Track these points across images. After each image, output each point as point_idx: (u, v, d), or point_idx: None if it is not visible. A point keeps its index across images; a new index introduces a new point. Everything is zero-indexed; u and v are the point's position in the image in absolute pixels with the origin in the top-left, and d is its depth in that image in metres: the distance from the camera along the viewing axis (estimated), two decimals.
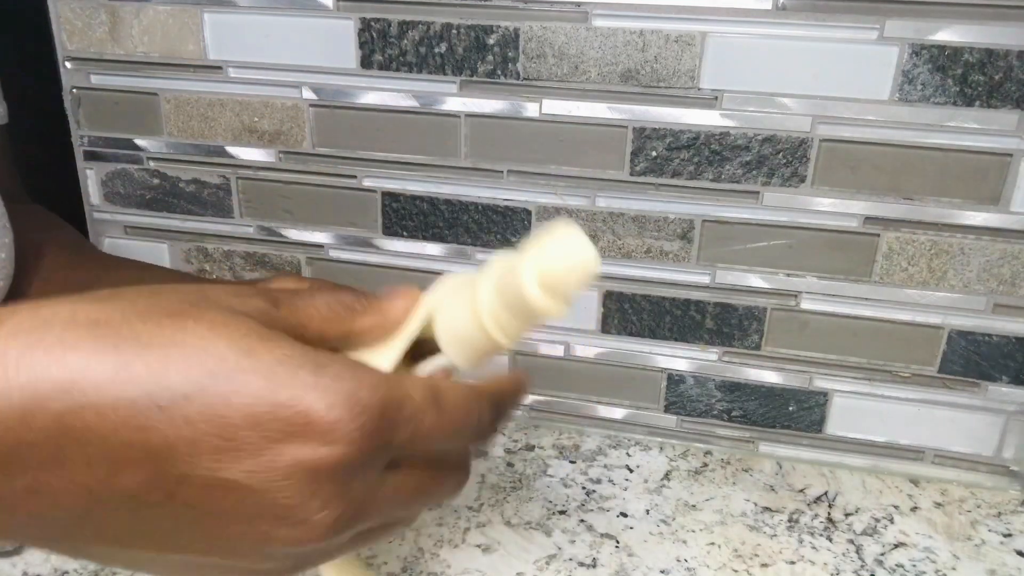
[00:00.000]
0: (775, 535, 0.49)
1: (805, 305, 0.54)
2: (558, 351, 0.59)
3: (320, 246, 0.60)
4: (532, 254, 0.27)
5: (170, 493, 0.22)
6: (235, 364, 0.22)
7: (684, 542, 0.49)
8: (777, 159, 0.51)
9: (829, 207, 0.51)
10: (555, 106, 0.53)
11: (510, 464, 0.56)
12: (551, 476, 0.55)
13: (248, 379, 0.22)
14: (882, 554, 0.48)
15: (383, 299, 0.30)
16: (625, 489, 0.53)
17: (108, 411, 0.21)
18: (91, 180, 0.63)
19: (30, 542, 0.24)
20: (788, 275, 0.54)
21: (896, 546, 0.49)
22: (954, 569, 0.47)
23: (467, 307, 0.28)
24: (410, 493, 0.26)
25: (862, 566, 0.47)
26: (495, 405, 0.28)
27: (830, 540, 0.49)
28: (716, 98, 0.51)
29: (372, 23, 0.54)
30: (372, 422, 0.23)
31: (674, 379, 0.58)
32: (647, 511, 0.51)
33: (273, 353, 0.23)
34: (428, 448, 0.26)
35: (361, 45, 0.54)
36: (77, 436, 0.21)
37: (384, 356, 0.28)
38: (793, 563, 0.47)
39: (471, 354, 0.29)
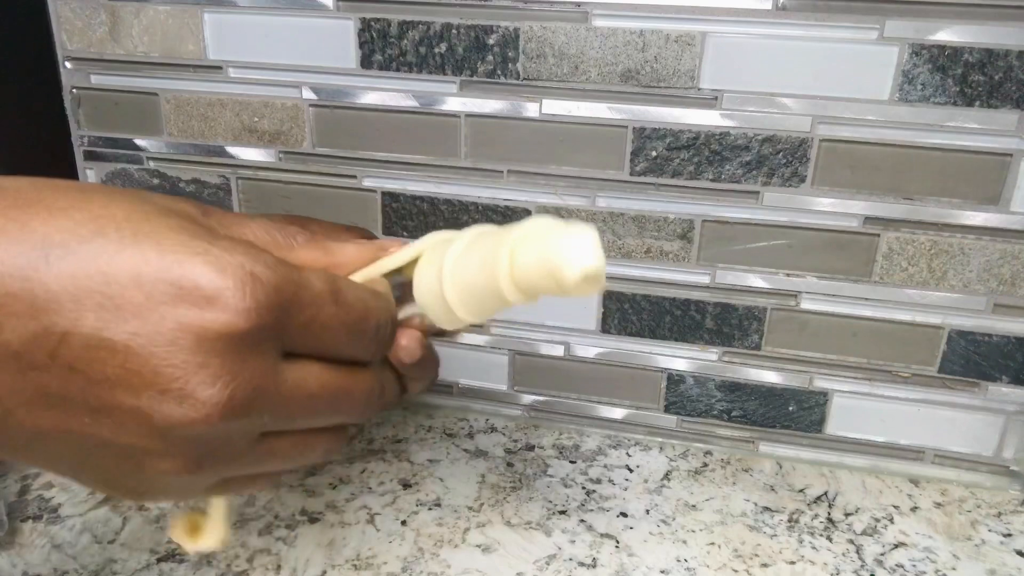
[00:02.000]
0: (775, 535, 0.49)
1: (805, 305, 0.54)
2: (558, 351, 0.59)
3: None
4: (556, 242, 0.27)
5: (52, 352, 0.21)
6: (129, 228, 0.22)
7: (684, 542, 0.49)
8: (777, 159, 0.51)
9: (829, 207, 0.51)
10: (555, 106, 0.53)
11: (510, 464, 0.56)
12: (551, 476, 0.55)
13: (139, 242, 0.22)
14: (882, 554, 0.48)
15: (334, 240, 0.29)
16: (625, 489, 0.53)
17: None
18: (91, 180, 0.63)
19: None
20: (788, 275, 0.54)
21: (896, 546, 0.49)
22: (954, 569, 0.47)
23: (484, 264, 0.28)
24: (306, 400, 0.25)
25: (862, 566, 0.47)
26: (393, 317, 0.28)
27: (830, 540, 0.49)
28: (716, 98, 0.51)
29: (372, 23, 0.54)
30: (265, 296, 0.22)
31: (674, 379, 0.58)
32: (647, 511, 0.51)
33: (169, 223, 0.22)
34: (326, 342, 0.25)
35: (361, 45, 0.54)
36: None
37: None
38: (793, 563, 0.47)
39: (472, 302, 0.29)
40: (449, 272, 0.29)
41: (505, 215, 0.56)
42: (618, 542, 0.48)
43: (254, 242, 0.26)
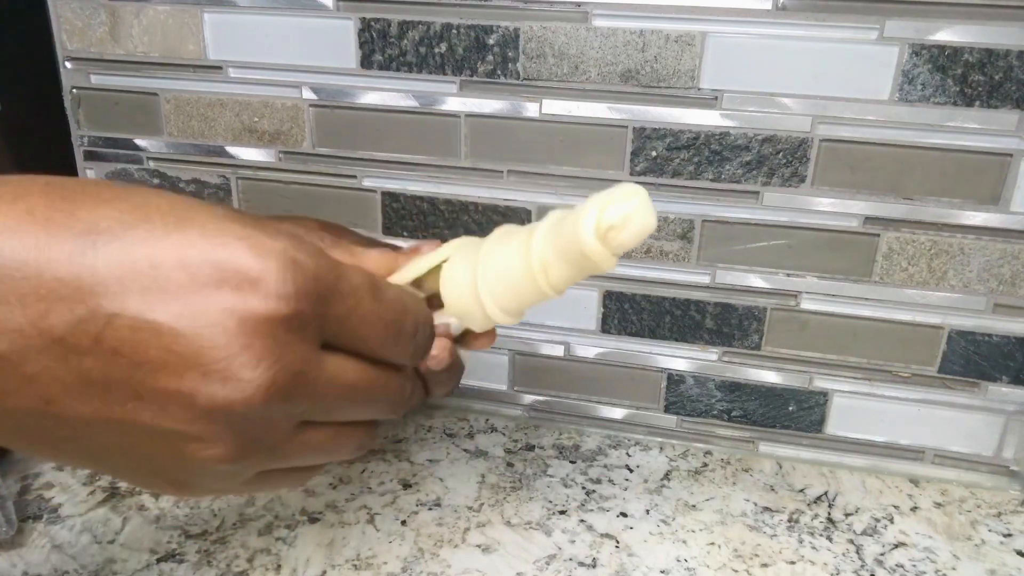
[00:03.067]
0: (775, 535, 0.49)
1: (805, 305, 0.54)
2: (558, 351, 0.59)
3: None
4: (594, 206, 0.27)
5: (97, 336, 0.21)
6: (173, 216, 0.22)
7: (684, 542, 0.49)
8: (777, 159, 0.51)
9: (829, 207, 0.51)
10: (555, 106, 0.53)
11: (510, 464, 0.56)
12: (551, 476, 0.55)
13: (184, 228, 0.22)
14: (882, 554, 0.48)
15: (361, 246, 0.30)
16: (625, 489, 0.53)
17: (44, 246, 0.21)
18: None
19: None
20: (788, 275, 0.54)
21: (896, 546, 0.49)
22: (954, 569, 0.47)
23: (517, 252, 0.29)
24: (350, 386, 0.25)
25: (862, 566, 0.47)
26: (429, 321, 0.28)
27: (830, 540, 0.49)
28: (716, 98, 0.51)
29: (372, 23, 0.54)
30: (306, 282, 0.23)
31: (674, 379, 0.58)
32: (647, 511, 0.51)
33: (211, 211, 0.23)
34: (364, 337, 0.25)
35: (361, 45, 0.54)
36: (11, 271, 0.21)
37: None
38: (793, 563, 0.47)
39: (506, 294, 0.29)
40: (483, 264, 0.29)
41: (505, 215, 0.56)
42: (618, 542, 0.48)
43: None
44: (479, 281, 0.29)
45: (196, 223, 0.22)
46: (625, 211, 0.28)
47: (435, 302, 0.32)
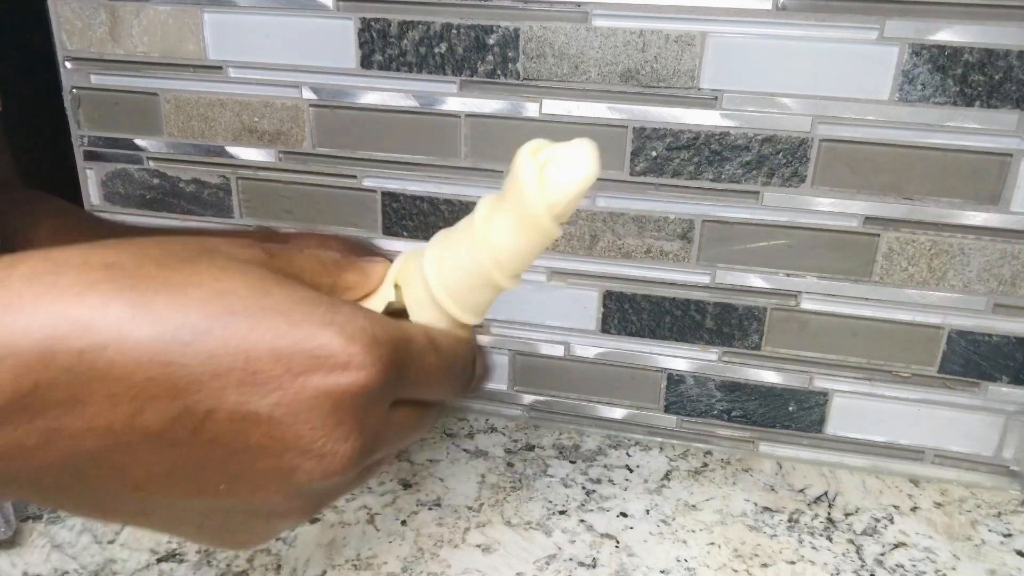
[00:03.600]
0: (775, 535, 0.49)
1: (805, 305, 0.54)
2: (558, 351, 0.59)
3: None
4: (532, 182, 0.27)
5: (195, 430, 0.22)
6: (253, 303, 0.23)
7: (684, 542, 0.49)
8: (777, 159, 0.51)
9: (829, 207, 0.51)
10: (555, 106, 0.53)
11: (510, 464, 0.56)
12: (551, 476, 0.55)
13: (268, 316, 0.23)
14: (882, 554, 0.48)
15: (364, 260, 0.31)
16: (625, 489, 0.53)
17: (131, 348, 0.21)
18: (91, 180, 0.63)
19: (38, 495, 0.23)
20: (788, 275, 0.54)
21: (896, 546, 0.49)
22: (954, 569, 0.47)
23: (464, 247, 0.29)
24: (408, 427, 0.27)
25: (862, 566, 0.47)
26: (474, 357, 0.30)
27: (830, 540, 0.49)
28: (716, 98, 0.51)
29: (372, 23, 0.54)
30: (387, 355, 0.24)
31: (674, 379, 0.58)
32: (647, 511, 0.51)
33: (288, 294, 0.24)
34: (429, 386, 0.27)
35: (361, 45, 0.54)
36: (99, 373, 0.21)
37: (372, 307, 0.30)
38: (793, 563, 0.47)
39: (464, 300, 0.29)
40: (431, 268, 0.29)
41: None
42: (618, 542, 0.48)
43: (312, 274, 0.28)
44: (431, 284, 0.29)
45: (279, 311, 0.23)
46: (565, 151, 0.27)
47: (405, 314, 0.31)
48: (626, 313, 0.57)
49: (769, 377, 0.56)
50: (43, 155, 0.62)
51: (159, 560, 0.46)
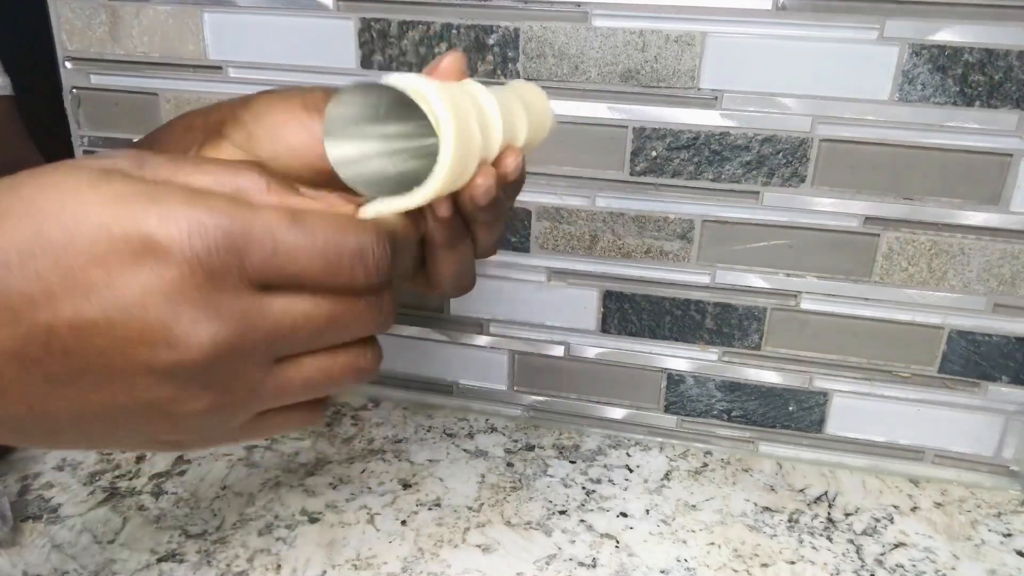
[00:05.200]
0: (775, 535, 0.49)
1: (805, 305, 0.54)
2: (558, 351, 0.59)
3: None
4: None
5: (46, 344, 0.23)
6: (70, 216, 0.23)
7: (684, 542, 0.49)
8: (777, 159, 0.51)
9: (829, 207, 0.51)
10: (555, 106, 0.53)
11: (510, 464, 0.56)
12: (551, 476, 0.55)
13: (83, 223, 0.23)
14: (882, 554, 0.48)
15: (302, 192, 0.29)
16: (625, 489, 0.53)
17: None
18: None
19: None
20: (788, 275, 0.54)
21: (896, 546, 0.49)
22: (954, 569, 0.47)
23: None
24: (301, 316, 0.26)
25: (862, 566, 0.47)
26: (390, 239, 0.27)
27: (830, 540, 0.49)
28: (716, 98, 0.51)
29: (372, 23, 0.54)
30: (213, 240, 0.23)
31: (674, 379, 0.58)
32: (647, 511, 0.51)
33: (103, 193, 0.24)
34: (297, 270, 0.25)
35: (361, 45, 0.54)
36: None
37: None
38: (793, 563, 0.47)
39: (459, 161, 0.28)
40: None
41: (505, 215, 0.56)
42: (618, 542, 0.48)
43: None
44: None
45: (93, 216, 0.23)
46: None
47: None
48: (626, 313, 0.57)
49: (769, 377, 0.56)
50: (43, 155, 0.62)
51: (159, 560, 0.46)
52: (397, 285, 0.29)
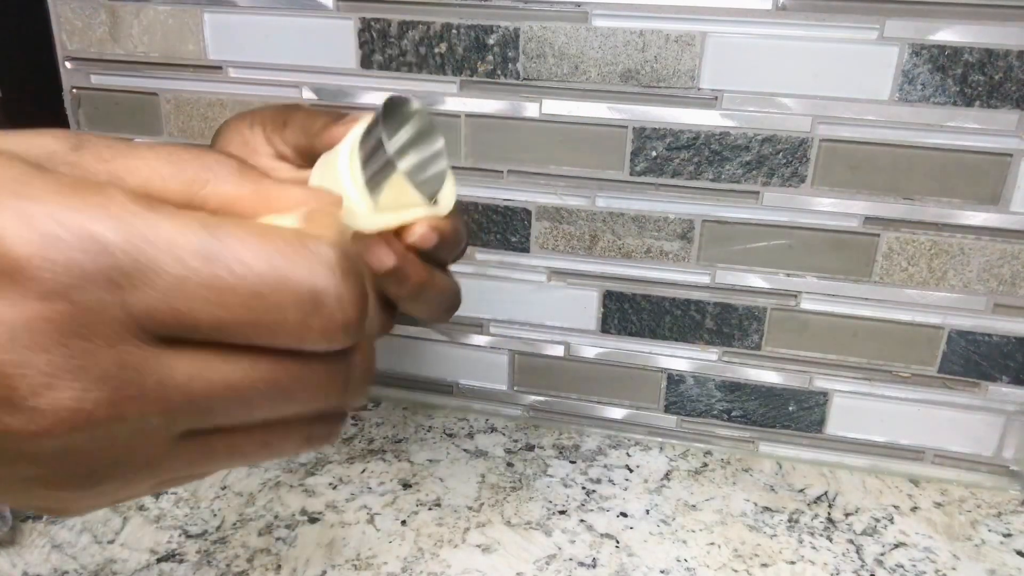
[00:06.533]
0: (775, 535, 0.49)
1: (805, 305, 0.54)
2: (558, 351, 0.59)
3: None
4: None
5: None
6: None
7: (684, 542, 0.49)
8: (777, 159, 0.51)
9: (829, 207, 0.51)
10: (555, 106, 0.53)
11: (510, 464, 0.56)
12: (551, 476, 0.55)
13: None
14: (882, 554, 0.48)
15: (273, 173, 0.26)
16: (625, 489, 0.53)
17: None
18: None
19: None
20: (788, 275, 0.54)
21: (896, 546, 0.49)
22: (954, 569, 0.47)
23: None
24: (222, 390, 0.18)
25: (862, 566, 0.47)
26: (366, 276, 0.20)
27: (830, 540, 0.49)
28: (716, 98, 0.51)
29: (372, 23, 0.54)
30: (79, 264, 0.16)
31: (674, 379, 0.58)
32: (647, 511, 0.51)
33: None
34: (214, 320, 0.18)
35: (361, 45, 0.54)
36: None
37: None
38: (793, 563, 0.47)
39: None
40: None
41: (505, 215, 0.56)
42: (618, 542, 0.48)
43: (141, 180, 0.20)
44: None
45: None
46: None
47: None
48: (626, 313, 0.57)
49: (769, 377, 0.56)
50: None
51: (159, 560, 0.46)
52: (372, 337, 0.21)
